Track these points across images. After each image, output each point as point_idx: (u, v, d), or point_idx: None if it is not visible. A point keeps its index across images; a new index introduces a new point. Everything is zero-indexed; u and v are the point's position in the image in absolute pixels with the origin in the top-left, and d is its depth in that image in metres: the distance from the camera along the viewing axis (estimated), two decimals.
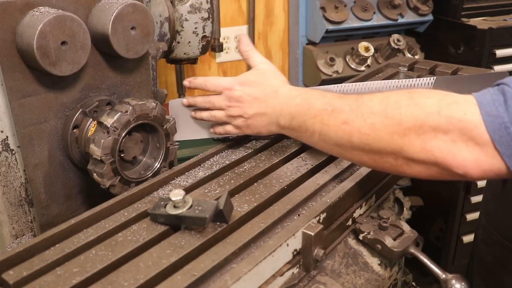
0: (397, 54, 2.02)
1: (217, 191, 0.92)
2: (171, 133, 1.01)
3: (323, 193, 0.93)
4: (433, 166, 0.75)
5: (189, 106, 1.09)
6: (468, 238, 2.28)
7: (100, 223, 0.81)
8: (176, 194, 0.78)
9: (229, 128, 1.03)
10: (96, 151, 0.88)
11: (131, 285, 0.67)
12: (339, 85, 1.13)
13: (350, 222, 0.94)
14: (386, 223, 0.93)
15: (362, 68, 2.05)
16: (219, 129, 1.06)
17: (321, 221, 0.84)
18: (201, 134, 1.15)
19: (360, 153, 0.82)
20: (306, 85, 2.18)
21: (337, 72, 2.01)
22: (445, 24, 2.11)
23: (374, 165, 0.84)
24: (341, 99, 0.85)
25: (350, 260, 0.93)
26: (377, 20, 2.06)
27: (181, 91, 2.02)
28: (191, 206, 0.78)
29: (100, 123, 0.90)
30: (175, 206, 0.78)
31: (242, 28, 2.12)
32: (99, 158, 0.88)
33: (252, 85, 0.97)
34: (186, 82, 1.09)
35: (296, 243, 0.79)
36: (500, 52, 1.95)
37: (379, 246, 0.92)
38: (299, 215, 0.86)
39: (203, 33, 1.36)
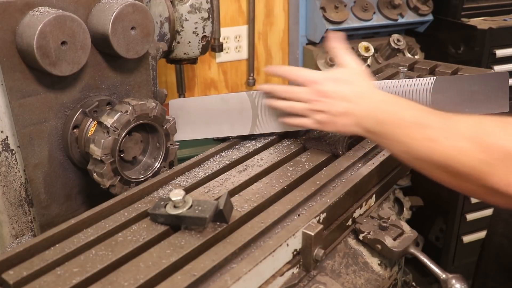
0: (397, 54, 2.02)
1: (217, 191, 0.92)
2: (171, 133, 1.01)
3: (323, 193, 0.93)
4: None
5: (267, 93, 1.07)
6: (468, 238, 2.28)
7: (100, 223, 0.81)
8: (176, 194, 0.78)
9: (306, 122, 0.99)
10: (96, 151, 0.88)
11: (131, 285, 0.67)
12: None
13: (350, 222, 0.94)
14: (386, 223, 0.93)
15: None
16: (294, 121, 1.02)
17: (321, 221, 0.84)
18: (201, 134, 1.15)
19: (441, 172, 0.82)
20: None
21: None
22: (445, 24, 2.10)
23: (454, 186, 0.83)
24: (430, 114, 0.83)
25: (350, 260, 0.93)
26: (377, 20, 2.05)
27: (181, 91, 2.01)
28: (191, 206, 0.78)
29: (100, 123, 0.90)
30: (175, 206, 0.78)
31: (242, 28, 2.12)
32: (99, 158, 0.88)
33: (341, 83, 0.94)
34: (267, 68, 1.06)
35: (296, 243, 0.79)
36: (500, 52, 1.95)
37: (379, 246, 0.92)
38: (299, 215, 0.86)
39: (203, 33, 1.36)
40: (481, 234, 2.31)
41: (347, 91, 0.94)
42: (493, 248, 1.26)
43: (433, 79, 1.12)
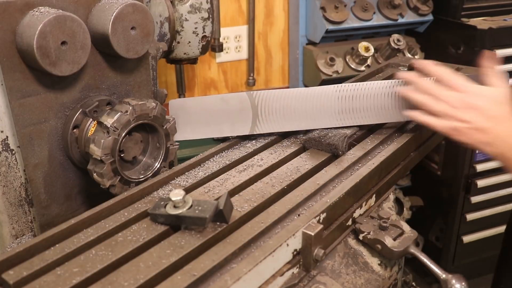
0: (397, 54, 2.02)
1: (217, 191, 0.92)
2: (171, 133, 1.01)
3: (323, 193, 0.93)
4: None
5: (407, 82, 1.06)
6: (468, 238, 2.28)
7: (100, 223, 0.81)
8: (176, 194, 0.78)
9: (438, 124, 0.98)
10: (96, 151, 0.88)
11: (131, 285, 0.67)
12: (339, 85, 1.13)
13: (350, 222, 0.94)
14: (386, 223, 0.93)
15: (362, 68, 2.05)
16: (425, 118, 1.00)
17: (321, 221, 0.84)
18: (201, 134, 1.15)
19: None
20: (306, 85, 2.18)
21: (337, 72, 2.01)
22: (445, 24, 2.10)
23: None
24: None
25: (350, 260, 0.93)
26: (377, 20, 2.06)
27: (181, 91, 2.02)
28: (191, 206, 0.78)
29: (100, 123, 0.90)
30: (175, 206, 0.78)
31: (242, 28, 2.12)
32: (99, 158, 0.88)
33: (491, 102, 0.96)
34: (417, 62, 1.06)
35: (296, 243, 0.79)
36: (500, 52, 1.95)
37: (379, 246, 0.92)
38: (299, 215, 0.86)
39: (203, 33, 1.36)
40: (481, 234, 2.31)
41: (495, 110, 0.95)
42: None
43: (433, 79, 1.12)
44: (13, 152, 0.95)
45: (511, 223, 1.32)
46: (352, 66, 2.05)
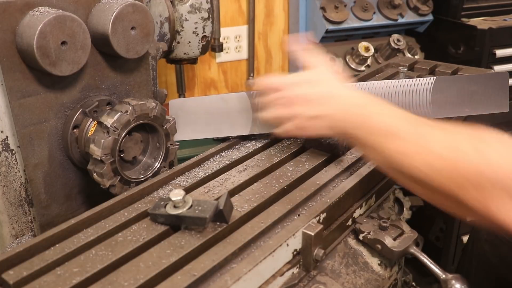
0: (397, 54, 2.02)
1: (217, 191, 0.92)
2: (171, 133, 1.01)
3: (323, 193, 0.93)
4: (485, 219, 0.72)
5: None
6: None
7: (100, 223, 0.81)
8: (176, 194, 0.78)
9: (286, 129, 0.95)
10: (96, 151, 0.88)
11: (131, 285, 0.67)
12: None
13: (350, 222, 0.94)
14: (386, 223, 0.93)
15: (362, 68, 2.05)
16: (277, 130, 0.98)
17: (321, 221, 0.84)
18: (201, 134, 1.15)
19: (414, 184, 0.80)
20: None
21: None
22: (445, 24, 2.10)
23: (428, 199, 0.81)
24: (404, 123, 0.80)
25: (350, 260, 0.93)
26: (377, 20, 2.05)
27: (181, 91, 2.01)
28: (191, 206, 0.78)
29: (100, 123, 0.90)
30: (175, 206, 0.78)
31: (242, 28, 2.12)
32: (99, 158, 0.88)
33: (307, 86, 0.91)
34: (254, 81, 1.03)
35: (296, 243, 0.79)
36: (500, 52, 1.95)
37: (379, 246, 0.92)
38: (299, 215, 0.86)
39: (203, 33, 1.36)
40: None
41: (314, 93, 0.89)
42: (476, 254, 1.26)
43: (433, 79, 1.12)
44: (13, 152, 0.95)
45: (473, 235, 1.33)
46: (352, 66, 2.05)
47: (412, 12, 2.09)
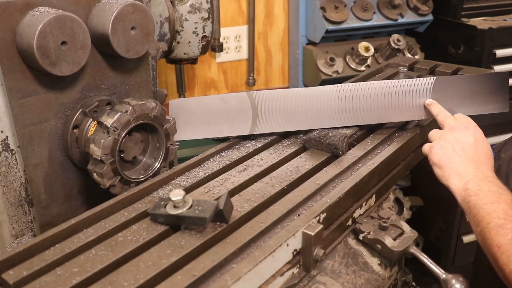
0: (397, 54, 2.02)
1: (217, 191, 0.92)
2: (171, 133, 1.01)
3: (323, 193, 0.93)
4: None
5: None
6: (468, 238, 2.28)
7: (100, 223, 0.81)
8: (176, 194, 0.78)
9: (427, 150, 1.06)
10: (96, 151, 0.88)
11: (131, 285, 0.67)
12: (339, 85, 1.13)
13: (350, 222, 0.94)
14: (386, 223, 0.93)
15: (362, 68, 2.05)
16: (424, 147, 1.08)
17: (321, 221, 0.84)
18: (201, 134, 1.15)
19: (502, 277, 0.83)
20: (306, 85, 2.18)
21: (337, 72, 2.01)
22: (445, 24, 2.10)
23: None
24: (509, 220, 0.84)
25: (350, 260, 0.93)
26: (377, 20, 2.05)
27: (181, 91, 2.01)
28: (191, 206, 0.78)
29: (100, 123, 0.90)
30: (175, 206, 0.78)
31: (242, 28, 2.12)
32: (99, 158, 0.88)
33: (453, 142, 1.01)
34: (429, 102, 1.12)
35: (296, 243, 0.79)
36: (500, 52, 1.95)
37: (379, 246, 0.92)
38: (299, 215, 0.86)
39: (203, 33, 1.36)
40: None
41: (452, 152, 1.01)
42: (479, 260, 1.26)
43: (433, 79, 1.12)
44: (13, 152, 0.95)
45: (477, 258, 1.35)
46: (352, 66, 2.05)
47: (412, 12, 2.09)
